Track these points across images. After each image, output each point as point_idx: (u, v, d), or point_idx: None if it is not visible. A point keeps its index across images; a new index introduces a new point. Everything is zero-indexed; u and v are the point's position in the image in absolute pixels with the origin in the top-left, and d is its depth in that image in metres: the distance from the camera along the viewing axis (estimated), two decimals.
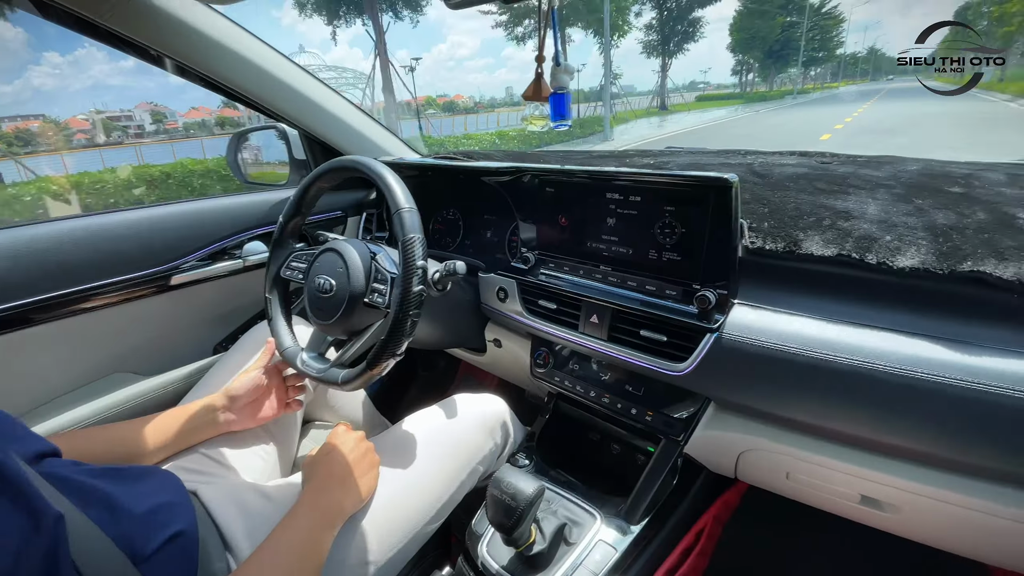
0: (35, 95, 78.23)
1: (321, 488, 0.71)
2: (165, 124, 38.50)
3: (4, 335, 0.88)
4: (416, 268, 0.73)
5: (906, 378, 0.57)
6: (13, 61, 78.71)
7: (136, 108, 43.06)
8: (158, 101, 63.26)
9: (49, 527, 0.48)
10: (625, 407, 0.88)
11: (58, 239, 0.94)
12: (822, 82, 73.72)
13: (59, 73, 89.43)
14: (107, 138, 28.78)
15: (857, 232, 0.68)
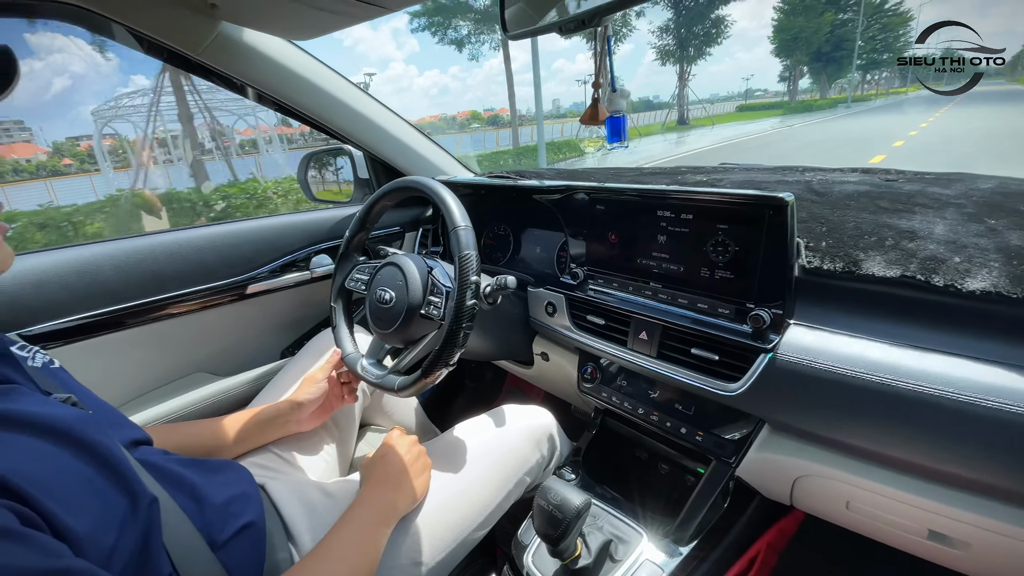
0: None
1: (377, 488, 0.75)
2: (222, 141, 41.19)
3: (103, 336, 0.99)
4: (470, 283, 0.76)
5: (976, 406, 0.54)
6: (104, 84, 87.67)
7: (199, 125, 46.02)
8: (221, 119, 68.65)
9: (144, 508, 0.54)
10: (674, 426, 0.88)
11: (152, 250, 1.05)
12: (888, 87, 67.01)
13: (143, 94, 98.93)
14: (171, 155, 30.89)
15: (923, 253, 0.65)
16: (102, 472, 0.50)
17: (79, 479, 0.48)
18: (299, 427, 0.89)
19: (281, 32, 0.97)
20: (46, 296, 0.92)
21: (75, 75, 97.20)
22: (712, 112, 41.86)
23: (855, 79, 55.43)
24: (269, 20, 0.88)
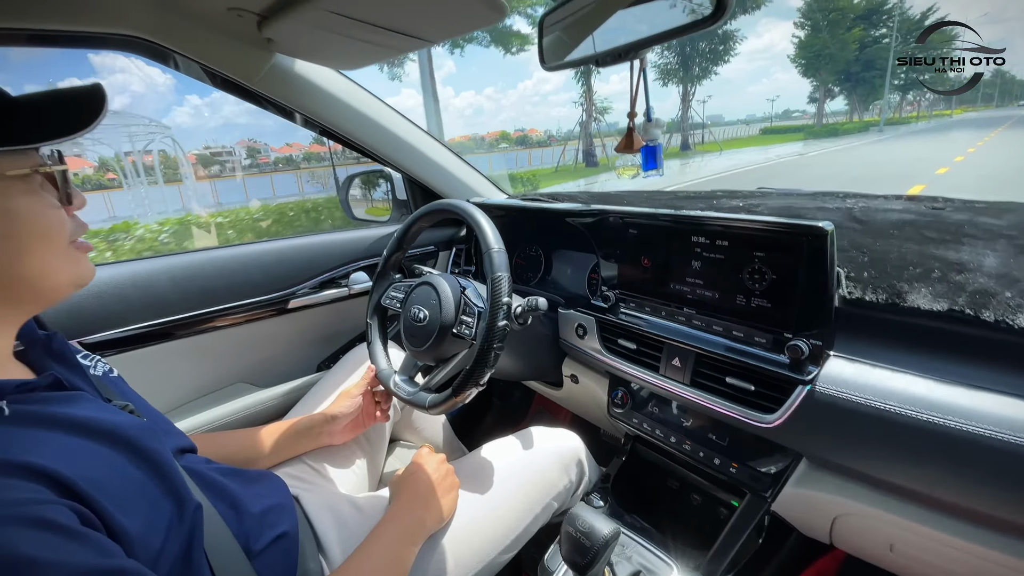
0: (176, 131, 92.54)
1: (406, 506, 0.76)
2: (258, 159, 42.22)
3: (155, 346, 1.05)
4: (501, 304, 0.78)
5: None
6: (161, 103, 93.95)
7: (236, 144, 47.10)
8: (263, 137, 71.65)
9: (190, 514, 0.56)
10: (707, 456, 0.86)
11: (203, 266, 1.11)
12: (932, 108, 62.03)
13: (195, 112, 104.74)
14: (207, 171, 31.95)
15: (972, 286, 0.63)
16: (153, 478, 0.53)
17: (133, 483, 0.51)
18: (331, 440, 0.91)
19: (329, 63, 1.03)
20: (105, 306, 0.98)
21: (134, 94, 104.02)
22: (729, 135, 38.64)
23: (894, 100, 52.11)
24: (319, 52, 0.94)
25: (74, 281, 0.54)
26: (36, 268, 0.50)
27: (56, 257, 0.51)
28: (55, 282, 0.52)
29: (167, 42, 0.90)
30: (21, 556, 0.36)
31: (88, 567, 0.38)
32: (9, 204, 0.47)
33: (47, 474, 0.42)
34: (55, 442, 0.47)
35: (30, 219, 0.49)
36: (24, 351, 0.56)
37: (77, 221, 0.55)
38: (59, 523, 0.39)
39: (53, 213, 0.51)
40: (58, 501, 0.41)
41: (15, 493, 0.39)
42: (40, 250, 0.50)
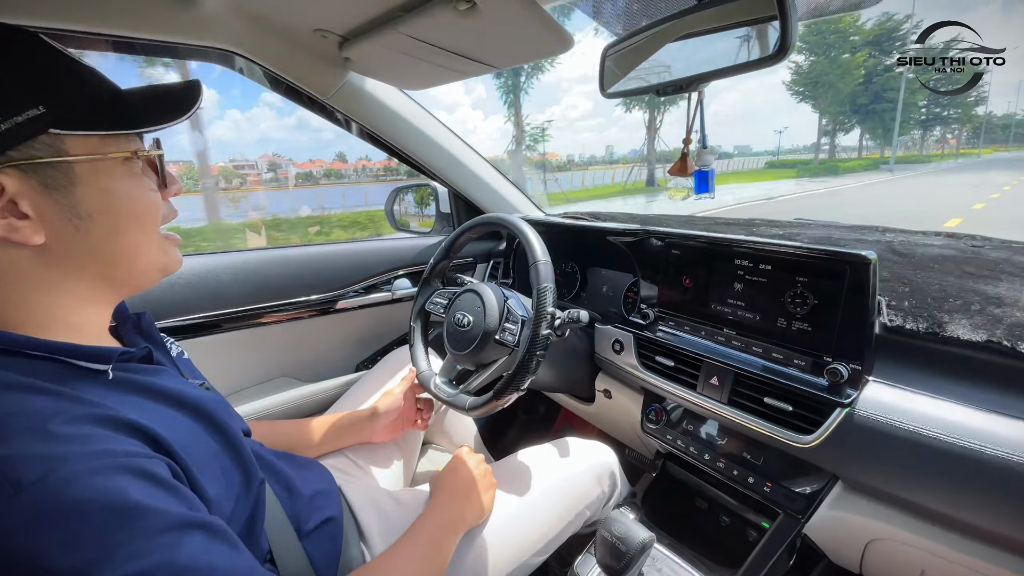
0: (216, 143, 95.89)
1: (448, 499, 0.79)
2: (278, 173, 42.74)
3: (214, 335, 1.11)
4: (546, 313, 0.82)
5: None
6: (204, 115, 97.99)
7: (260, 159, 47.72)
8: (296, 153, 72.99)
9: (256, 486, 0.61)
10: (741, 475, 0.88)
11: (262, 263, 1.18)
12: (960, 147, 57.73)
13: (234, 126, 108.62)
14: (228, 184, 32.35)
15: (1010, 319, 0.65)
16: (227, 449, 0.58)
17: (210, 452, 0.55)
18: (372, 436, 0.95)
19: (398, 82, 1.11)
20: (176, 294, 1.05)
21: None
22: (726, 168, 35.42)
23: (916, 136, 49.23)
24: (392, 72, 1.01)
25: (163, 267, 0.57)
26: (130, 247, 0.53)
27: (148, 239, 0.55)
28: (146, 264, 0.55)
29: (254, 55, 0.99)
30: (132, 501, 0.40)
31: (183, 517, 0.42)
32: (111, 184, 0.50)
33: (145, 431, 0.46)
34: (149, 406, 0.52)
35: (128, 199, 0.52)
36: (116, 327, 0.62)
37: (169, 206, 0.59)
38: (159, 475, 0.44)
39: (149, 196, 0.54)
40: (156, 456, 0.46)
41: (123, 445, 0.43)
42: (135, 230, 0.53)
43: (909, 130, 35.09)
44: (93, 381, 0.49)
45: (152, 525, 0.40)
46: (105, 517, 0.38)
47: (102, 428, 0.44)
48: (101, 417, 0.44)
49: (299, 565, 0.64)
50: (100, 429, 0.43)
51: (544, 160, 41.70)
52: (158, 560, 0.39)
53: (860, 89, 33.86)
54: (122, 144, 0.52)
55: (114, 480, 0.40)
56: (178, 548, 0.41)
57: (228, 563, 0.44)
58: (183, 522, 0.42)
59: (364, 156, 39.26)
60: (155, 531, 0.40)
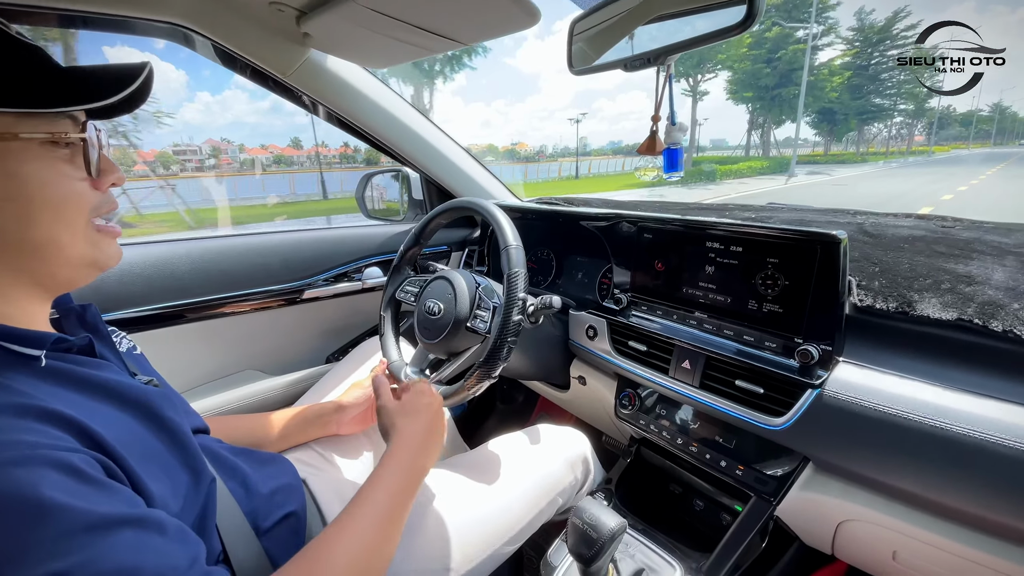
0: (186, 127, 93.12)
1: (404, 450, 0.72)
2: (220, 160, 40.91)
3: (171, 327, 1.06)
4: (517, 299, 0.80)
5: None
6: (173, 98, 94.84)
7: (204, 143, 44.35)
8: (271, 138, 70.90)
9: (205, 486, 0.58)
10: (714, 458, 0.87)
11: (223, 251, 1.13)
12: (910, 145, 52.90)
13: (204, 109, 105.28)
14: (166, 171, 30.89)
15: (980, 298, 0.65)
16: (172, 448, 0.55)
17: (154, 450, 0.52)
18: (339, 429, 0.92)
19: (362, 60, 1.06)
20: (127, 286, 1.00)
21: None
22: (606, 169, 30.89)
23: (871, 132, 44.68)
24: (354, 49, 0.97)
25: (93, 262, 0.52)
26: (45, 239, 0.48)
27: (70, 232, 0.49)
28: (68, 259, 0.50)
29: (207, 31, 0.94)
30: (43, 498, 0.36)
31: (113, 515, 0.39)
32: (18, 167, 0.45)
33: (76, 424, 0.43)
34: (85, 401, 0.48)
35: (39, 186, 0.47)
36: (59, 319, 0.58)
37: (106, 197, 0.53)
38: (84, 471, 0.40)
39: (68, 184, 0.49)
40: (84, 451, 0.42)
41: (46, 437, 0.40)
42: (48, 221, 0.47)
43: (799, 118, 25.24)
44: (23, 368, 0.46)
45: (71, 523, 0.37)
46: (19, 512, 0.35)
47: (24, 419, 0.40)
48: (25, 407, 0.41)
49: (256, 563, 0.61)
50: (22, 420, 0.40)
51: (511, 150, 39.87)
52: (77, 560, 0.36)
53: (765, 70, 27.37)
54: (40, 125, 0.47)
55: (32, 473, 0.37)
56: (100, 547, 0.37)
57: (159, 561, 0.41)
58: (108, 520, 0.39)
59: (321, 142, 38.03)
60: (74, 530, 0.37)
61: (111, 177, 0.53)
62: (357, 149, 39.80)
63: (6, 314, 0.48)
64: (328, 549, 0.56)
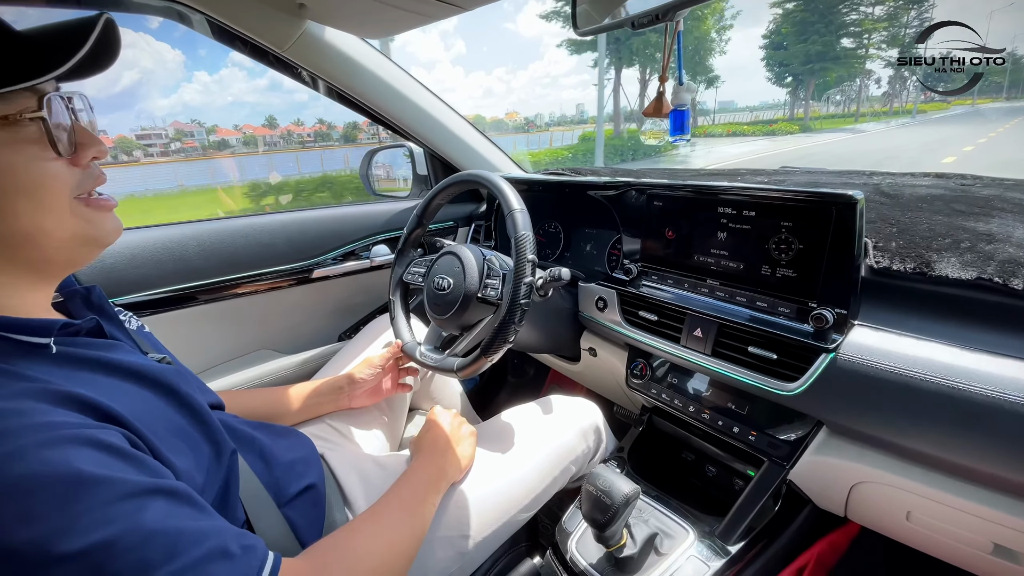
0: (184, 108, 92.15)
1: (427, 458, 0.78)
2: (184, 143, 39.38)
3: (183, 309, 1.08)
4: (527, 260, 0.79)
5: None
6: (170, 79, 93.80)
7: (170, 125, 42.78)
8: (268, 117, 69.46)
9: (227, 458, 0.59)
10: (727, 425, 0.87)
11: (231, 233, 1.13)
12: (889, 105, 42.81)
13: (203, 90, 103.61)
14: (129, 156, 30.09)
15: (1001, 256, 0.63)
16: (192, 422, 0.56)
17: (174, 425, 0.53)
18: (351, 403, 0.93)
19: (361, 31, 1.04)
20: (138, 269, 1.00)
21: (144, 70, 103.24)
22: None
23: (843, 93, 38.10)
24: (352, 19, 0.94)
25: (89, 239, 0.50)
26: (28, 226, 0.46)
27: (51, 216, 0.47)
28: (60, 240, 0.48)
29: (202, 6, 0.91)
30: (80, 472, 0.37)
31: (143, 485, 0.40)
32: None
33: (95, 405, 0.43)
34: (101, 381, 0.49)
35: (7, 174, 0.44)
36: (63, 303, 0.58)
37: (89, 173, 0.50)
38: (112, 443, 0.41)
39: (40, 167, 0.46)
40: (106, 426, 0.43)
41: (65, 417, 0.40)
42: (27, 209, 0.45)
43: (831, 80, 25.84)
44: (36, 357, 0.46)
45: (110, 493, 0.38)
46: (58, 488, 0.36)
47: (45, 403, 0.41)
48: (44, 391, 0.42)
49: (279, 531, 0.63)
50: (42, 404, 0.41)
51: (499, 120, 37.22)
52: (121, 527, 0.37)
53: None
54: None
55: (64, 451, 0.38)
56: (142, 514, 0.39)
57: (196, 525, 0.42)
58: (144, 489, 0.40)
59: (296, 120, 37.00)
60: (114, 499, 0.38)
61: (91, 150, 0.50)
62: (332, 127, 38.49)
63: (8, 306, 0.48)
64: (356, 539, 0.59)
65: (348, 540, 0.59)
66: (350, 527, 0.62)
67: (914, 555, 0.77)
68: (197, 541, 0.41)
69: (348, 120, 39.37)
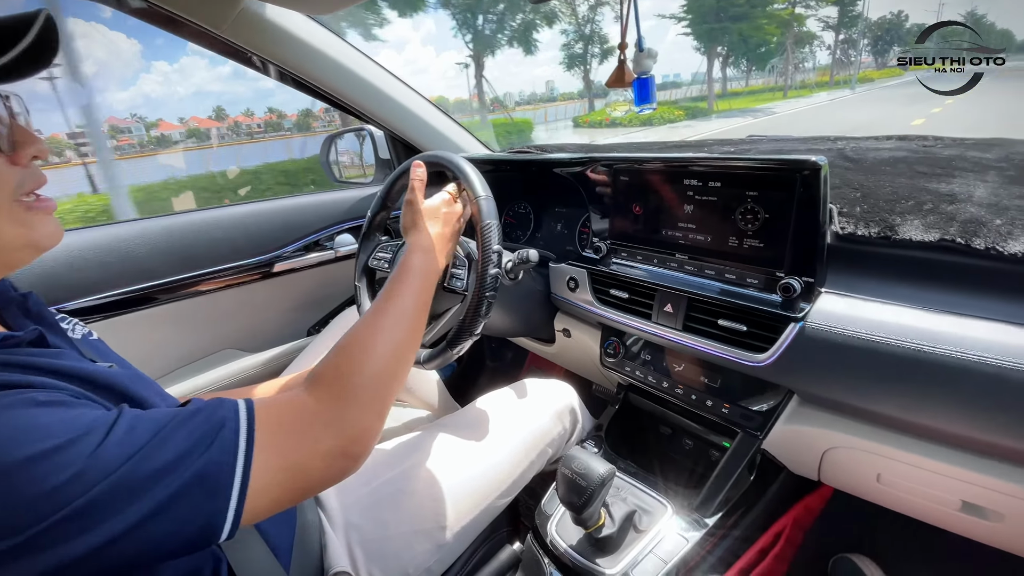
0: (145, 101, 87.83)
1: (421, 252, 0.73)
2: (119, 140, 38.03)
3: (137, 312, 1.02)
4: (493, 251, 0.76)
5: (1018, 372, 0.53)
6: (127, 70, 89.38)
7: (106, 122, 42.28)
8: (236, 105, 65.82)
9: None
10: (700, 399, 0.87)
11: (182, 229, 1.08)
12: (833, 73, 34.67)
13: (164, 80, 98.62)
14: (60, 158, 28.56)
15: (963, 216, 0.63)
16: None
17: None
18: None
19: (303, 6, 0.98)
20: (81, 273, 0.95)
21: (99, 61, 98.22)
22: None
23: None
24: None
25: (27, 243, 0.48)
26: None
27: None
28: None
29: None
30: (31, 420, 0.36)
31: (96, 418, 0.39)
32: None
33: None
34: (54, 384, 0.45)
35: None
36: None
37: (29, 173, 0.48)
38: (58, 399, 0.40)
39: None
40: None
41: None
42: None
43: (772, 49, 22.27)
44: None
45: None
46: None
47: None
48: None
49: (249, 538, 0.61)
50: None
51: (463, 101, 34.95)
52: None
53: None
54: None
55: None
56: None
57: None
58: (98, 422, 0.39)
59: (246, 110, 35.63)
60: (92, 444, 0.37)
61: (30, 149, 0.48)
62: (283, 115, 37.05)
63: None
64: (365, 342, 0.59)
65: (361, 344, 0.58)
66: (358, 333, 0.60)
67: (888, 510, 0.78)
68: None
69: (302, 108, 37.80)
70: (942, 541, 0.75)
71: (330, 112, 4.52)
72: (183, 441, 0.41)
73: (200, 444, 0.41)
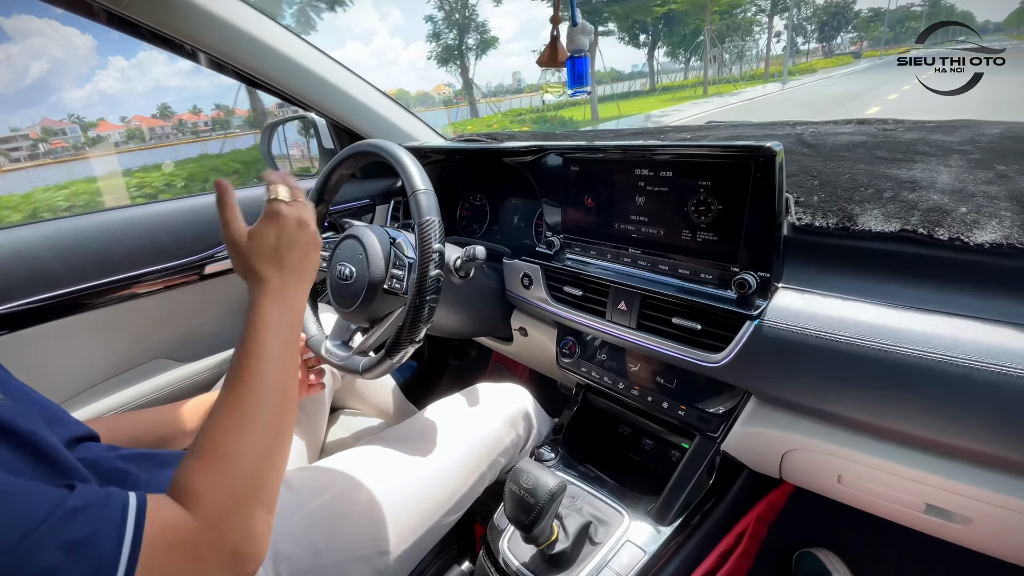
0: (103, 98, 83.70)
1: (275, 294, 0.58)
2: (52, 143, 36.58)
3: (48, 324, 0.92)
4: (432, 251, 0.70)
5: (986, 372, 0.49)
6: (83, 66, 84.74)
7: (39, 124, 39.18)
8: (197, 100, 63.10)
9: None
10: (656, 400, 0.82)
11: (97, 230, 0.97)
12: (767, 64, 29.49)
13: (121, 76, 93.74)
14: None
15: (925, 204, 0.59)
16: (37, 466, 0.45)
17: (13, 472, 0.42)
18: None
19: None
20: None
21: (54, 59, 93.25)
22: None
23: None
24: None
25: None
26: None
27: None
28: None
29: None
30: None
31: None
32: None
33: None
34: None
35: None
36: None
37: None
38: None
39: None
40: None
41: None
42: None
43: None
44: None
45: None
46: None
47: None
48: None
49: None
50: None
51: (425, 94, 33.36)
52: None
53: None
54: None
55: None
56: None
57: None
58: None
59: (193, 107, 34.30)
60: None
61: None
62: (231, 111, 35.85)
63: None
64: (236, 438, 0.48)
65: (220, 459, 0.47)
66: (213, 438, 0.48)
67: (852, 507, 0.75)
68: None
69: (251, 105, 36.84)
70: (907, 535, 0.73)
71: (284, 107, 4.18)
72: (55, 553, 0.34)
73: (74, 561, 0.35)
